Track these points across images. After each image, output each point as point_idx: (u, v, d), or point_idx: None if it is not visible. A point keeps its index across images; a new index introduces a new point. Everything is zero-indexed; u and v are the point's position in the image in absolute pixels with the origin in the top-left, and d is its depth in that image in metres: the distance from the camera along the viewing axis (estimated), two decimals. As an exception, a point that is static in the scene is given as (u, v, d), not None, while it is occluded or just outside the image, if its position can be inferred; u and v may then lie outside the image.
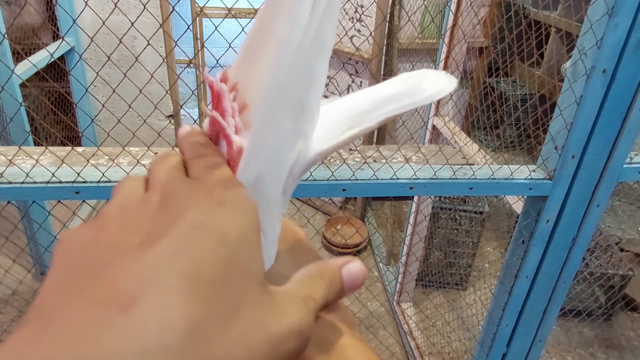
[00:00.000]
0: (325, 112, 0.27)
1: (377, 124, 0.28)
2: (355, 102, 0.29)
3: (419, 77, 0.30)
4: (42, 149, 0.94)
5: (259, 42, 0.24)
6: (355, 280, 0.26)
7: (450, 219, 2.21)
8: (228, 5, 0.81)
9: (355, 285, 0.26)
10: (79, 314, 0.17)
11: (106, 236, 0.20)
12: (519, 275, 1.16)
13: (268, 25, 0.24)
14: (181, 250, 0.18)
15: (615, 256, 2.19)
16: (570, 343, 2.16)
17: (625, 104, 0.93)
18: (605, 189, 1.02)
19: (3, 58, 1.63)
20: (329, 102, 0.29)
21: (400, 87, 0.29)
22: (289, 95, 0.23)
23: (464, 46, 1.59)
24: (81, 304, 0.17)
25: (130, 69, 0.99)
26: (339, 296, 0.26)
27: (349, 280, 0.26)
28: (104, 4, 2.60)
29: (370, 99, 0.29)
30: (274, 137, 0.24)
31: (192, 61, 3.29)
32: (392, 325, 2.23)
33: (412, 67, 2.80)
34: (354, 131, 0.28)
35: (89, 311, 0.17)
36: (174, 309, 0.17)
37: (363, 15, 2.49)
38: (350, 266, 0.26)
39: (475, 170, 1.02)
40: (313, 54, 0.23)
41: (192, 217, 0.20)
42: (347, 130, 0.28)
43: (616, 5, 0.84)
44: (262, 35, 0.24)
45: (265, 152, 0.24)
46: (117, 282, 0.18)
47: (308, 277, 0.25)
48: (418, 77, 0.30)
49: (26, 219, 1.99)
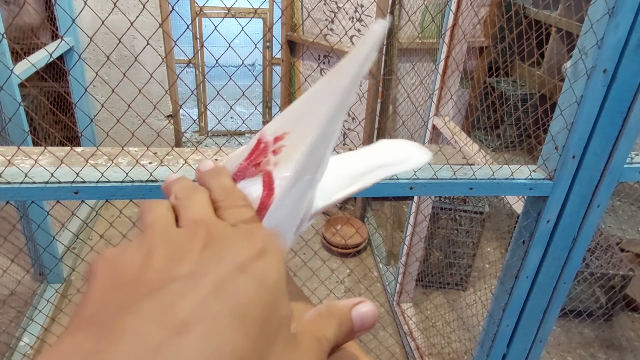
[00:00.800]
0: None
1: (366, 185, 0.32)
2: (352, 163, 0.33)
3: (399, 146, 0.36)
4: (41, 149, 0.94)
5: (307, 107, 0.30)
6: (365, 322, 0.26)
7: (450, 219, 2.20)
8: (227, 5, 0.80)
9: (365, 327, 0.26)
10: (140, 328, 0.18)
11: (156, 261, 0.21)
12: (519, 275, 1.16)
13: (319, 97, 0.29)
14: (229, 288, 0.20)
15: (616, 256, 2.19)
16: (571, 343, 2.16)
17: (626, 104, 0.93)
18: (606, 189, 1.02)
19: (2, 58, 1.62)
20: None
21: (386, 154, 0.35)
22: (318, 154, 0.26)
23: (464, 46, 1.59)
24: (140, 319, 0.19)
25: (129, 68, 0.99)
26: (348, 337, 0.26)
27: (359, 321, 0.26)
28: (103, 4, 2.59)
29: (366, 162, 0.33)
30: (296, 188, 0.27)
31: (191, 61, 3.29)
32: (392, 326, 2.23)
33: (412, 67, 2.79)
34: (349, 191, 0.32)
35: (149, 326, 0.18)
36: (225, 339, 0.19)
37: (363, 15, 2.49)
38: (360, 307, 0.27)
39: (475, 170, 1.02)
40: (339, 119, 0.26)
41: (237, 259, 0.21)
42: (343, 190, 0.31)
43: (617, 5, 0.84)
44: (313, 102, 0.30)
45: (288, 201, 0.27)
46: (172, 305, 0.19)
47: (319, 317, 0.25)
48: (398, 146, 0.36)
49: (25, 219, 1.98)
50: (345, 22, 2.59)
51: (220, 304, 0.20)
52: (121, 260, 0.22)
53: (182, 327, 0.18)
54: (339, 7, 2.57)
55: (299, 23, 2.84)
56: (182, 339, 0.18)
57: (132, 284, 0.20)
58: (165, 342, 0.18)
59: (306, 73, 2.90)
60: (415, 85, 2.70)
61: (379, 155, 0.35)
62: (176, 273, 0.21)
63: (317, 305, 0.27)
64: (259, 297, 0.21)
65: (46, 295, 2.13)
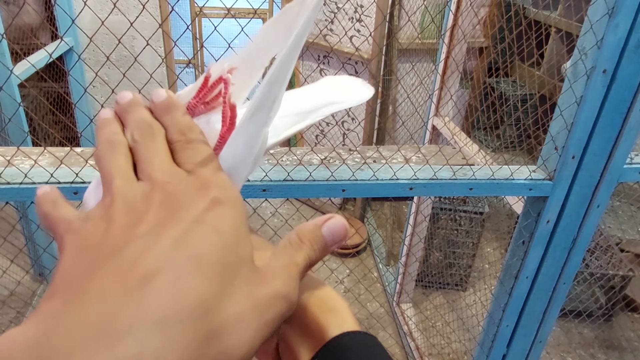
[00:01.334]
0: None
1: (314, 122, 0.33)
2: (299, 100, 0.34)
3: (344, 82, 0.37)
4: (41, 149, 0.94)
5: (258, 49, 0.31)
6: (336, 235, 0.28)
7: (450, 220, 2.20)
8: (227, 5, 0.80)
9: (337, 240, 0.28)
10: (104, 288, 0.20)
11: (117, 227, 0.23)
12: (519, 275, 1.16)
13: (270, 35, 0.30)
14: (186, 240, 0.22)
15: (616, 257, 2.19)
16: (571, 344, 2.16)
17: (626, 104, 0.93)
18: (606, 190, 1.02)
19: (1, 58, 1.62)
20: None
21: (332, 91, 0.36)
22: (272, 92, 0.27)
23: (464, 46, 1.59)
24: (103, 280, 0.20)
25: (129, 69, 0.99)
26: (323, 253, 0.28)
27: (330, 236, 0.28)
28: (102, 4, 2.59)
29: (312, 100, 0.34)
30: (251, 125, 0.27)
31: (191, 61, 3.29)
32: (392, 326, 2.23)
33: (412, 67, 2.79)
34: (297, 127, 0.32)
35: (112, 286, 0.20)
36: (185, 286, 0.21)
37: (363, 16, 2.49)
38: (329, 223, 0.28)
39: (475, 170, 1.02)
40: (293, 59, 0.27)
41: (193, 213, 0.23)
42: (292, 127, 0.32)
43: (616, 6, 0.84)
44: (264, 42, 0.31)
45: (243, 138, 0.28)
46: (133, 263, 0.21)
47: (289, 244, 0.28)
48: (344, 82, 0.37)
49: (24, 219, 1.98)
50: (344, 22, 2.59)
51: (178, 255, 0.21)
52: (85, 230, 0.23)
53: (143, 280, 0.20)
54: (339, 8, 2.57)
55: (299, 23, 2.82)
56: (145, 291, 0.20)
57: (96, 250, 0.22)
58: (129, 296, 0.20)
59: (306, 73, 2.90)
60: (415, 86, 2.70)
61: (325, 92, 0.35)
62: (136, 233, 0.22)
63: (289, 233, 0.28)
64: (215, 243, 0.23)
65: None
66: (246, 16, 3.27)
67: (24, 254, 2.18)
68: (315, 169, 0.96)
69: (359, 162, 1.02)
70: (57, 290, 0.21)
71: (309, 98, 0.34)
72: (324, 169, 0.97)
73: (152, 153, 0.26)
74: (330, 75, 0.37)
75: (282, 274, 0.26)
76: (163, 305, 0.20)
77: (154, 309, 0.20)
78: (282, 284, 0.25)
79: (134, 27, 0.85)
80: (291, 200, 2.99)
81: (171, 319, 0.20)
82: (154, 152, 0.26)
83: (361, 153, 1.06)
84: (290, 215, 2.74)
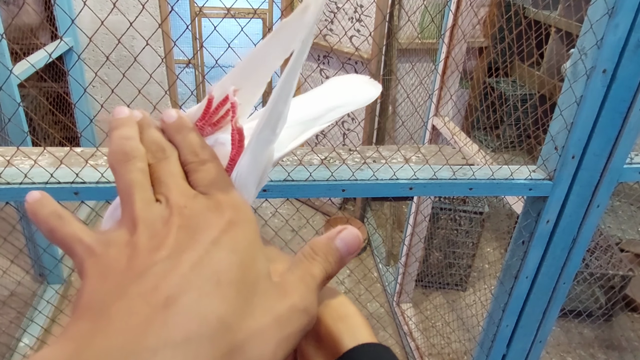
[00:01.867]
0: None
1: (321, 129, 0.33)
2: (304, 108, 0.34)
3: (350, 82, 0.36)
4: (41, 149, 0.94)
5: (257, 65, 0.31)
6: (350, 246, 0.29)
7: (450, 220, 2.20)
8: (227, 5, 0.80)
9: (352, 251, 0.29)
10: (130, 311, 0.21)
11: (141, 252, 0.24)
12: (519, 275, 1.16)
13: (269, 51, 0.30)
14: (205, 262, 0.23)
15: (616, 257, 2.19)
16: (571, 344, 2.16)
17: (626, 104, 0.93)
18: (606, 190, 1.02)
19: (1, 58, 1.62)
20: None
21: (338, 94, 0.35)
22: (277, 110, 0.28)
23: (463, 46, 1.59)
24: (129, 303, 0.21)
25: (129, 69, 0.99)
26: (340, 265, 0.29)
27: (344, 248, 0.29)
28: (102, 4, 2.59)
29: (317, 106, 0.34)
30: (257, 143, 0.28)
31: (191, 61, 3.29)
32: (392, 326, 2.23)
33: (411, 67, 2.79)
34: (305, 136, 0.32)
35: (137, 308, 0.21)
36: (206, 306, 0.22)
37: (362, 15, 2.49)
38: (343, 234, 0.29)
39: (475, 170, 1.02)
40: (296, 75, 0.28)
41: (210, 235, 0.24)
42: (299, 136, 0.32)
43: (616, 5, 0.84)
44: (263, 58, 0.30)
45: (249, 157, 0.29)
46: (156, 287, 0.22)
47: (303, 258, 0.28)
48: (349, 83, 0.36)
49: (24, 219, 1.98)
50: (344, 22, 2.59)
51: (198, 277, 0.22)
52: (109, 257, 0.24)
53: (167, 302, 0.21)
54: (339, 8, 2.57)
55: (299, 23, 2.82)
56: (168, 312, 0.21)
57: (120, 275, 0.23)
58: (154, 317, 0.21)
59: (306, 73, 2.90)
60: (415, 86, 2.70)
61: (329, 96, 0.35)
62: (157, 258, 0.23)
63: (303, 247, 0.29)
64: (232, 263, 0.24)
65: (46, 296, 2.13)
66: (246, 16, 3.27)
67: (24, 254, 2.18)
68: (316, 169, 0.96)
69: (358, 162, 1.02)
70: (83, 313, 0.22)
71: (313, 105, 0.34)
72: (324, 169, 0.97)
73: (167, 175, 0.27)
74: (335, 77, 0.37)
75: (300, 288, 0.26)
76: (186, 325, 0.21)
77: (178, 330, 0.21)
78: (300, 298, 0.26)
79: (133, 27, 0.85)
80: (291, 200, 2.99)
81: (194, 339, 0.21)
82: (169, 174, 0.27)
83: (361, 153, 1.06)
84: (291, 216, 2.74)
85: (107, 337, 0.20)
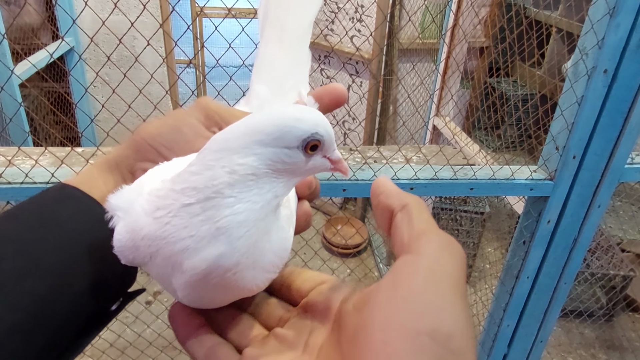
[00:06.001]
0: None
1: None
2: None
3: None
4: (42, 149, 0.94)
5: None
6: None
7: (450, 220, 2.20)
8: (228, 5, 0.80)
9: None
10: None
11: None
12: (520, 275, 1.16)
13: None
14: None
15: (617, 257, 2.19)
16: (572, 344, 2.16)
17: (627, 104, 0.93)
18: (607, 190, 1.02)
19: (2, 58, 1.62)
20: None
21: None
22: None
23: (464, 46, 1.59)
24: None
25: (130, 69, 0.99)
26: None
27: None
28: (103, 4, 2.59)
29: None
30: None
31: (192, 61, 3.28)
32: (393, 326, 2.23)
33: (412, 67, 2.79)
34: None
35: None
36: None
37: (363, 15, 2.49)
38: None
39: (476, 170, 1.02)
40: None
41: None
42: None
43: (617, 5, 0.84)
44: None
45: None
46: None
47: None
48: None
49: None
50: (345, 22, 2.59)
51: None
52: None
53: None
54: (339, 8, 2.57)
55: (300, 23, 2.82)
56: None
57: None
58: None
59: (307, 73, 2.89)
60: (416, 86, 2.70)
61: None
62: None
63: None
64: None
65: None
66: (247, 16, 3.27)
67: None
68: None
69: (359, 161, 1.02)
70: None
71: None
72: (324, 169, 0.97)
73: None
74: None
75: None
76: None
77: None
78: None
79: (134, 27, 0.85)
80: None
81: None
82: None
83: (362, 153, 1.06)
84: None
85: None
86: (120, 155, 0.35)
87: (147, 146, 0.34)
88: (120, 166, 0.35)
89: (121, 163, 0.35)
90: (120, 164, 0.35)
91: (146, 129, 0.35)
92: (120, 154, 0.35)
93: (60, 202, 0.32)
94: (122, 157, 0.35)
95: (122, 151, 0.35)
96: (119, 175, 0.34)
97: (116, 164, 0.35)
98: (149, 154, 0.34)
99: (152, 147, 0.34)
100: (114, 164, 0.35)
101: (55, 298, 0.28)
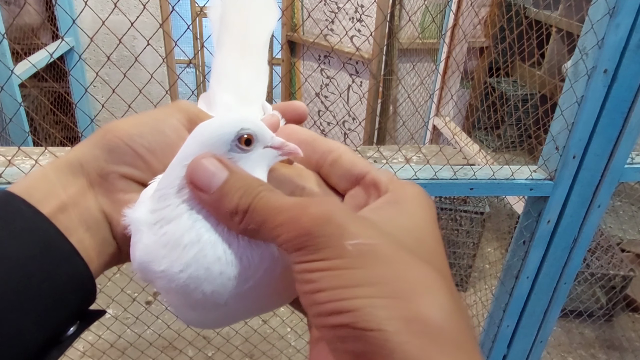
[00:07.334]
0: None
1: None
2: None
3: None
4: (42, 149, 0.94)
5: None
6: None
7: (450, 220, 2.20)
8: (227, 5, 0.80)
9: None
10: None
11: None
12: (519, 276, 1.16)
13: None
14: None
15: (617, 257, 2.19)
16: (571, 344, 2.16)
17: (627, 104, 0.93)
18: (607, 190, 1.02)
19: (2, 58, 1.62)
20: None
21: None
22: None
23: (464, 46, 1.59)
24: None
25: (130, 69, 0.99)
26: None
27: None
28: (103, 4, 2.59)
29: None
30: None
31: (192, 61, 3.29)
32: (393, 326, 2.22)
33: (412, 67, 2.79)
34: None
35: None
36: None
37: (363, 15, 2.49)
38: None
39: (475, 170, 1.02)
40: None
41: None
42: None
43: (617, 5, 0.84)
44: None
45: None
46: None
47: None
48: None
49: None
50: (345, 22, 2.59)
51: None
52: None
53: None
54: (339, 8, 2.57)
55: (299, 23, 2.84)
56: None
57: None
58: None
59: (306, 73, 2.90)
60: (416, 86, 2.70)
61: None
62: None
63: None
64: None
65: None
66: (247, 16, 3.27)
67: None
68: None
69: (359, 162, 1.01)
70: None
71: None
72: (324, 168, 0.97)
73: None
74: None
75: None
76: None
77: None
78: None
79: (134, 27, 0.85)
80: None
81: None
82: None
83: (362, 153, 1.06)
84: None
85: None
86: (87, 155, 0.30)
87: (124, 147, 0.30)
88: (87, 168, 0.30)
89: (87, 164, 0.30)
90: (87, 165, 0.30)
91: (121, 128, 0.30)
92: (87, 153, 0.30)
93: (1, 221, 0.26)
94: (88, 157, 0.30)
95: (89, 150, 0.30)
96: (84, 178, 0.30)
97: (80, 165, 0.30)
98: (126, 156, 0.30)
99: (131, 149, 0.30)
100: (77, 166, 0.30)
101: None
